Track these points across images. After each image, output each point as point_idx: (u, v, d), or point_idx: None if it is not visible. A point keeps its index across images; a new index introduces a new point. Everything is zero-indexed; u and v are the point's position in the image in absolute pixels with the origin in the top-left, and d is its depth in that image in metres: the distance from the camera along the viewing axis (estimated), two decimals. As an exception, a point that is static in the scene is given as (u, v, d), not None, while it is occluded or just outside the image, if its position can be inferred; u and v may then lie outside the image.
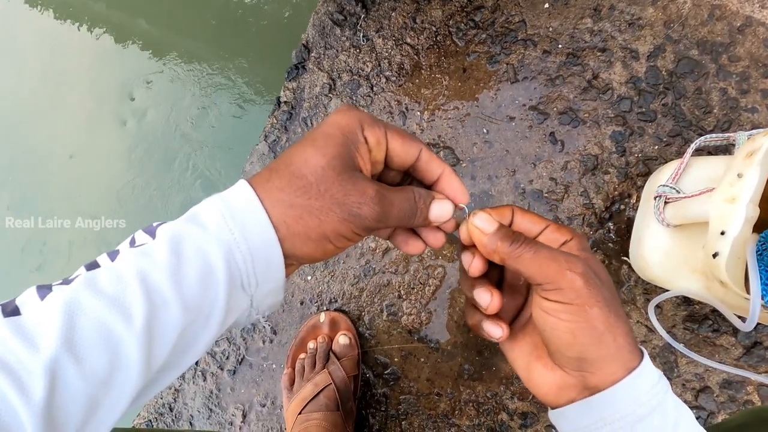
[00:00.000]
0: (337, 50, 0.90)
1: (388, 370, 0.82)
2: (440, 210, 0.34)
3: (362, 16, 0.89)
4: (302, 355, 0.83)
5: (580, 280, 0.29)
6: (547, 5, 0.81)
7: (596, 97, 0.78)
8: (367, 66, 0.88)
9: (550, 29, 0.81)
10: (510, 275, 0.37)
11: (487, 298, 0.33)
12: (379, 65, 0.88)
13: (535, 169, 0.80)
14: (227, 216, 0.29)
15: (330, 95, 0.90)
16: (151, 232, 0.31)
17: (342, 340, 0.81)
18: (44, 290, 0.27)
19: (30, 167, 1.45)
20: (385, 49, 0.88)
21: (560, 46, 0.80)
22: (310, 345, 0.82)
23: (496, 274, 0.37)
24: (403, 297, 0.82)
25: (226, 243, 0.29)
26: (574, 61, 0.80)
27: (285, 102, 0.92)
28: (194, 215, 0.30)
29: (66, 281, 0.28)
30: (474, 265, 0.34)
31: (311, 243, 0.30)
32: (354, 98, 0.88)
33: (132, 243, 0.31)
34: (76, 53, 1.41)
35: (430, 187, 0.35)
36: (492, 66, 0.83)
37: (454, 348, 0.80)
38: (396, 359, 0.82)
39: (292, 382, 0.81)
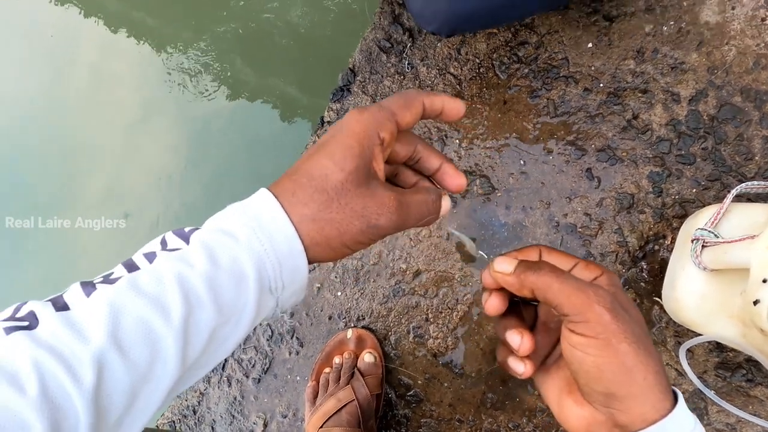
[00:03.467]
0: (382, 75, 0.94)
1: (411, 392, 0.82)
2: (447, 204, 0.37)
3: (408, 44, 0.93)
4: (327, 370, 0.84)
5: (608, 314, 0.30)
6: (590, 45, 0.83)
7: (635, 136, 0.79)
8: (410, 92, 0.91)
9: (593, 68, 0.83)
10: (543, 313, 0.37)
11: (517, 339, 0.34)
12: (422, 92, 0.91)
13: (570, 204, 0.81)
14: (257, 228, 0.32)
15: (372, 118, 0.93)
16: (184, 237, 0.33)
17: (367, 357, 0.82)
18: (89, 287, 0.30)
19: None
20: (428, 78, 0.91)
21: (601, 84, 0.82)
22: (336, 360, 0.84)
23: (530, 315, 0.38)
24: (431, 320, 0.83)
25: (257, 253, 0.32)
26: (614, 100, 0.81)
27: (328, 122, 0.95)
28: (224, 228, 0.33)
29: (108, 280, 0.30)
30: (490, 304, 0.35)
31: (331, 251, 0.33)
32: (395, 122, 0.91)
33: (164, 244, 0.33)
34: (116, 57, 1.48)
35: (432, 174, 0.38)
36: (532, 100, 0.85)
37: (478, 375, 0.80)
38: (419, 381, 0.82)
39: (315, 395, 0.83)
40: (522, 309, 0.37)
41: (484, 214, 0.85)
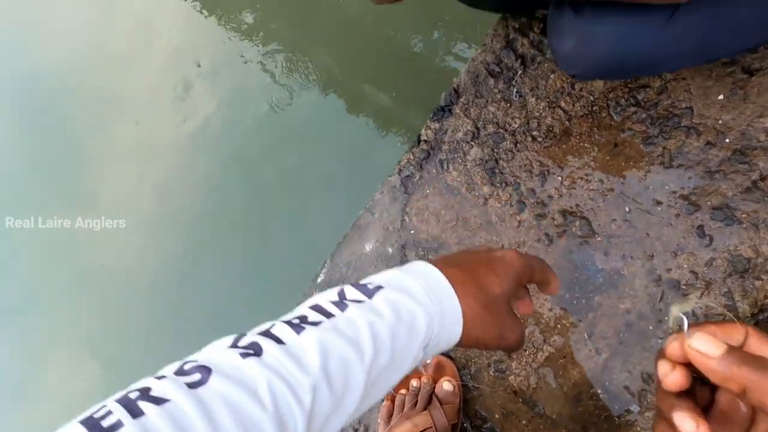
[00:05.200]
0: (487, 100, 0.92)
1: (487, 425, 0.83)
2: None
3: (519, 72, 0.90)
4: (403, 391, 0.85)
5: None
6: (721, 97, 0.79)
7: (760, 199, 0.76)
8: (515, 122, 0.89)
9: (720, 122, 0.79)
10: (725, 401, 0.32)
11: (691, 427, 0.28)
12: (528, 123, 0.89)
13: (676, 259, 0.78)
14: (433, 297, 0.40)
15: (472, 143, 0.91)
16: (366, 292, 0.39)
17: (446, 386, 0.83)
18: (297, 328, 0.36)
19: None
20: (536, 109, 0.88)
21: (727, 140, 0.78)
22: (413, 383, 0.84)
23: (705, 394, 0.32)
24: (514, 357, 0.83)
25: (431, 315, 0.39)
26: (740, 158, 0.77)
27: (425, 141, 0.94)
28: (404, 286, 0.40)
29: (309, 322, 0.37)
30: (672, 379, 0.30)
31: (468, 338, 0.41)
32: (495, 150, 0.90)
33: (342, 295, 0.39)
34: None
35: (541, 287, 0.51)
36: (646, 147, 0.82)
37: (559, 418, 0.80)
38: (497, 416, 0.82)
39: (390, 415, 0.84)
40: (697, 387, 0.32)
41: (580, 256, 0.84)
